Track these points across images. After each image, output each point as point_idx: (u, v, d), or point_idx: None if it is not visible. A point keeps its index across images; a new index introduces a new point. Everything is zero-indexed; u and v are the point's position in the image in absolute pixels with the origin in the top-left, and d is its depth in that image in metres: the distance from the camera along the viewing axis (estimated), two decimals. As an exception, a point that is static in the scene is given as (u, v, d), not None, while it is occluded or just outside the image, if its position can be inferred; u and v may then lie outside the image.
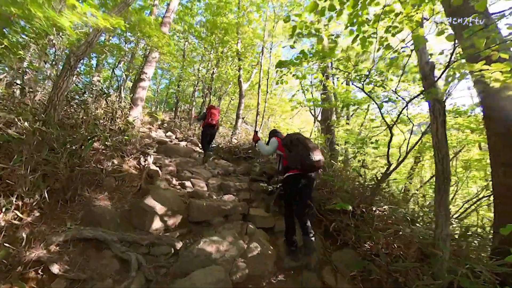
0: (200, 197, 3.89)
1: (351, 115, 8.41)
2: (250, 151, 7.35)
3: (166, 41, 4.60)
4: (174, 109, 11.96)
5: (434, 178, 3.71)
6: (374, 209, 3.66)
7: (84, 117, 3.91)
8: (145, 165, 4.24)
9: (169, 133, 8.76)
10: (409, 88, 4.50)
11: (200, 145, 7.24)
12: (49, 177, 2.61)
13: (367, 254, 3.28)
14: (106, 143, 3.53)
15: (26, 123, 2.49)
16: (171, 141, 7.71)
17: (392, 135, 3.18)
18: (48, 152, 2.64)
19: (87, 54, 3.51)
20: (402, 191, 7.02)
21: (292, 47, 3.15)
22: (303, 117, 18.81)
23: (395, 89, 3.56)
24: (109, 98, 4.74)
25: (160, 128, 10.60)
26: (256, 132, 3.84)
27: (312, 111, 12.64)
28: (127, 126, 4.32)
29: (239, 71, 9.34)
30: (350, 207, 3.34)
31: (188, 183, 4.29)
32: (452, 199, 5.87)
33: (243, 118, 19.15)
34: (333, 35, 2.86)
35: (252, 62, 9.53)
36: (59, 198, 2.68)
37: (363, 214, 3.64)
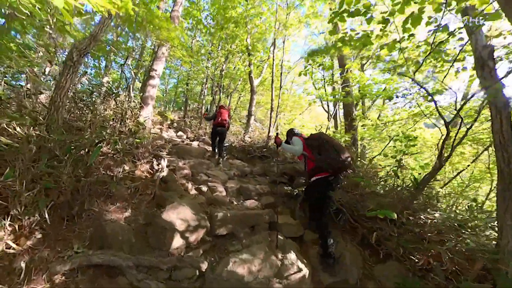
0: (220, 204, 3.45)
1: (369, 109, 7.81)
2: (264, 149, 6.88)
3: (177, 32, 4.13)
4: (184, 108, 11.55)
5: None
6: (421, 216, 3.16)
7: (92, 119, 3.50)
8: (158, 169, 3.82)
9: (180, 133, 8.36)
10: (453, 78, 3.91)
11: (223, 155, 6.83)
12: (51, 191, 2.20)
13: (416, 269, 2.81)
14: (116, 146, 3.11)
15: (19, 129, 2.08)
16: (182, 141, 7.30)
17: (448, 131, 2.65)
18: (50, 160, 2.23)
19: (91, 48, 3.07)
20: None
21: (331, 33, 2.64)
22: (313, 113, 18.18)
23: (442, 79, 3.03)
24: (118, 98, 4.33)
25: (170, 128, 10.23)
26: (277, 134, 3.40)
27: (325, 107, 12.05)
28: (138, 127, 3.90)
29: (249, 66, 8.83)
30: (395, 215, 2.85)
31: (205, 188, 3.85)
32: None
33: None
34: (385, 12, 2.33)
35: (262, 58, 8.99)
36: (64, 215, 2.27)
37: (407, 221, 3.15)
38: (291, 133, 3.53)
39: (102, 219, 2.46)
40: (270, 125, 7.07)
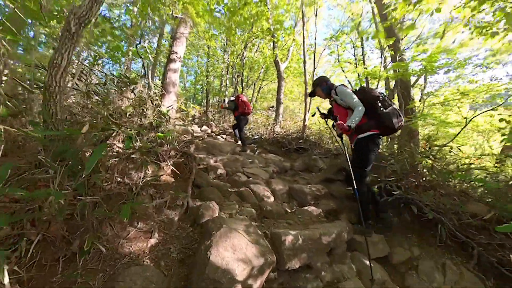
0: (275, 215, 2.48)
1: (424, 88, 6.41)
2: (301, 141, 5.81)
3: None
4: (205, 102, 10.69)
5: None
6: None
7: (105, 113, 2.64)
8: (190, 170, 2.92)
9: (204, 127, 7.51)
10: None
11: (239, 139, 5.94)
12: (39, 219, 1.34)
13: None
14: (131, 144, 2.22)
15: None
16: (208, 136, 6.44)
17: None
18: (30, 172, 1.35)
19: (94, 16, 2.15)
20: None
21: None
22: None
23: None
24: (135, 86, 3.46)
25: (192, 123, 9.45)
26: (335, 119, 2.42)
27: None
28: (161, 119, 3.01)
29: (273, 50, 7.69)
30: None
31: (248, 192, 2.91)
32: None
33: (272, 107, 17.51)
34: None
35: (288, 37, 7.75)
36: (58, 254, 1.41)
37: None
38: (324, 81, 2.65)
39: (116, 255, 1.58)
40: (305, 112, 5.96)
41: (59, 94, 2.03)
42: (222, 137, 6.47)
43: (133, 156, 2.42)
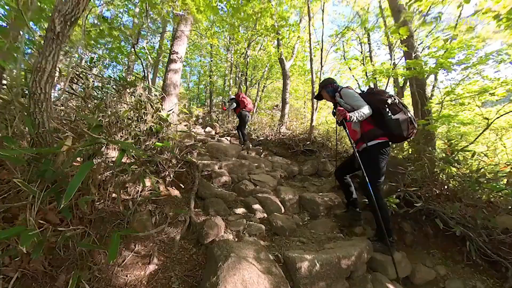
0: (287, 232, 2.25)
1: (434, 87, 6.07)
2: (308, 142, 5.56)
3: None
4: (209, 102, 10.47)
5: None
6: None
7: (94, 123, 2.43)
8: (193, 180, 2.70)
9: (208, 129, 7.30)
10: None
11: (247, 140, 5.78)
12: (11, 257, 1.13)
13: None
14: (129, 155, 2.01)
15: None
16: (212, 138, 6.23)
17: None
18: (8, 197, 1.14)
19: (81, 13, 1.92)
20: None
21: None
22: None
23: None
24: (133, 89, 3.25)
25: (196, 124, 9.25)
26: (335, 106, 2.37)
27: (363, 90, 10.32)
28: (161, 125, 2.79)
29: (278, 47, 7.41)
30: None
31: (256, 204, 2.68)
32: None
33: (277, 106, 17.18)
34: None
35: (292, 34, 7.45)
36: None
37: None
38: (331, 84, 2.43)
39: (109, 287, 1.37)
40: (313, 112, 5.69)
41: (45, 102, 1.82)
42: (227, 139, 6.25)
43: (129, 168, 2.21)
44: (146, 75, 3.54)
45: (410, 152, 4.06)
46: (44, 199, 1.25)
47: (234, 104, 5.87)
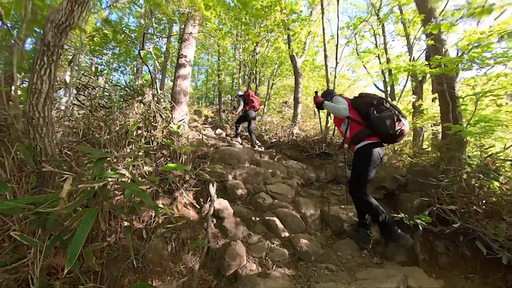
0: (311, 257, 2.04)
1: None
2: (324, 144, 5.28)
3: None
4: (218, 101, 10.26)
5: None
6: None
7: (107, 136, 2.27)
8: (208, 199, 2.51)
9: (218, 130, 7.11)
10: None
11: (255, 140, 5.81)
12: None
13: None
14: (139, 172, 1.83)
15: None
16: (223, 141, 6.03)
17: None
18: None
19: (76, 22, 1.72)
20: None
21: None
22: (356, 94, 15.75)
23: None
24: (141, 98, 3.07)
25: (205, 124, 9.07)
26: (316, 93, 2.59)
27: (380, 86, 9.80)
28: (171, 140, 2.60)
29: (289, 44, 7.06)
30: None
31: (276, 221, 2.47)
32: None
33: (286, 102, 16.74)
34: None
35: (302, 28, 7.06)
36: None
37: None
38: (330, 94, 2.71)
39: None
40: (328, 112, 5.37)
41: (46, 126, 1.65)
42: (238, 142, 6.05)
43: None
44: (153, 81, 3.34)
45: (437, 157, 3.73)
46: (48, 249, 1.08)
47: (242, 104, 5.83)
